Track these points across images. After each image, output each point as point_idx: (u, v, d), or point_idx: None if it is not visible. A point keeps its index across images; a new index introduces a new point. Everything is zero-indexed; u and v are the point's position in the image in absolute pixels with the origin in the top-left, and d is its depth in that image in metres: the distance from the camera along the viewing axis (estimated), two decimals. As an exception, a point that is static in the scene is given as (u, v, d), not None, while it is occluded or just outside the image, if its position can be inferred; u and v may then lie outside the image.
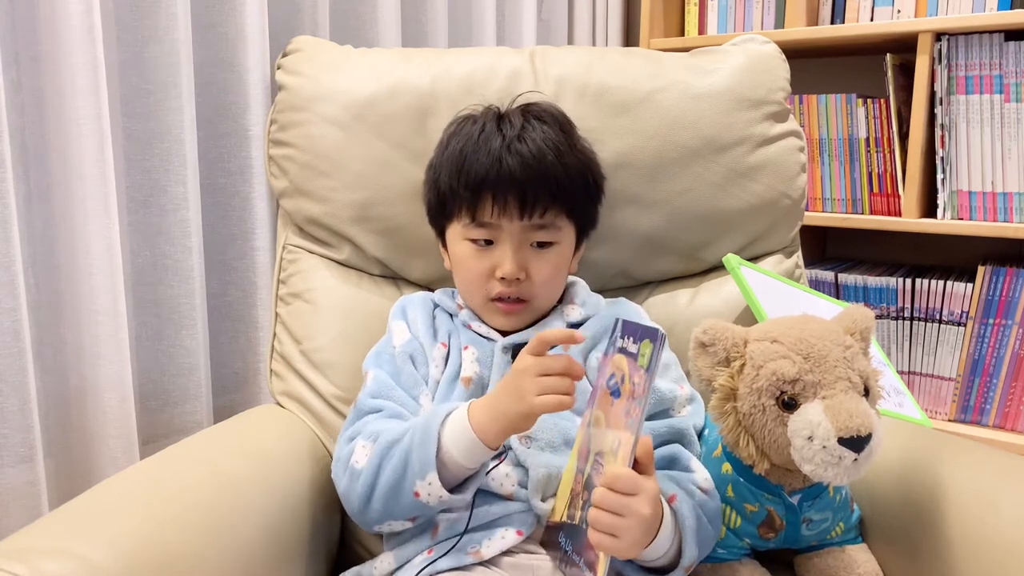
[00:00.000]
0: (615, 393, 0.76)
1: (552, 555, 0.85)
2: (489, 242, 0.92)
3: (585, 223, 0.99)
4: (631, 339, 0.76)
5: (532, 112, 0.95)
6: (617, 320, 0.79)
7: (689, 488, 0.85)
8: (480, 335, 0.96)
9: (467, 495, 0.83)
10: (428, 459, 0.80)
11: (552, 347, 0.80)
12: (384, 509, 0.84)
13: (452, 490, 0.81)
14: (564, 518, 0.81)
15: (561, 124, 0.96)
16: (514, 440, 0.89)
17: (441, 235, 1.00)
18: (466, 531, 0.85)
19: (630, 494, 0.73)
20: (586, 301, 1.00)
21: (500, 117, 0.95)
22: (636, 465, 0.74)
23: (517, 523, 0.86)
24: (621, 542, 0.73)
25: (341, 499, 0.89)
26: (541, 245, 0.92)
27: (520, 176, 0.89)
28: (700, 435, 0.96)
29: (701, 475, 0.88)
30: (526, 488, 0.87)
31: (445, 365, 0.95)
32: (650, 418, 0.92)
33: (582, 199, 0.96)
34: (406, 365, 0.95)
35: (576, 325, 0.97)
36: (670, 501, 0.82)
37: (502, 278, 0.91)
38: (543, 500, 0.86)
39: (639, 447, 0.74)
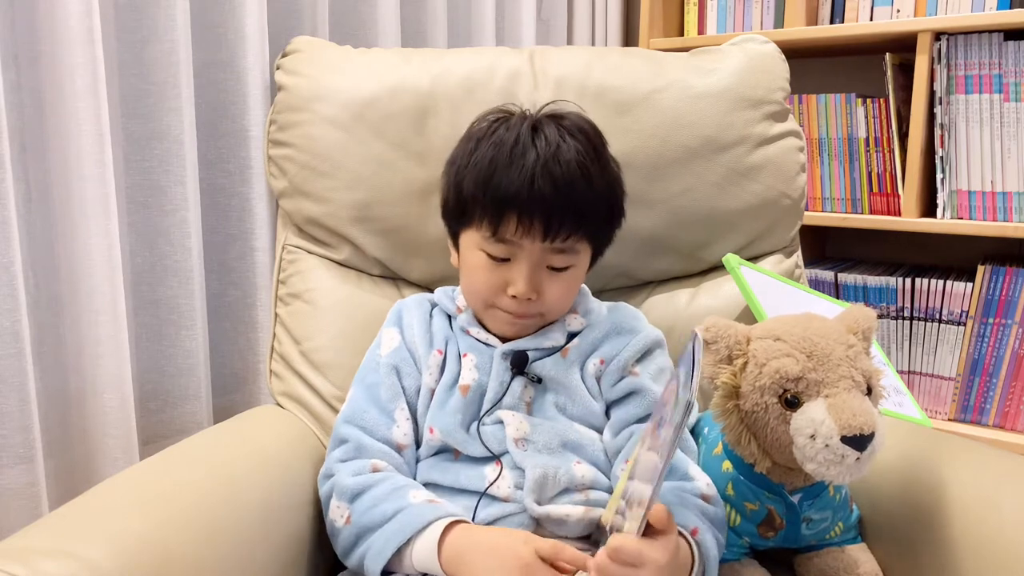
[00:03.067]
0: (663, 423, 0.74)
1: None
2: (505, 259, 0.90)
3: (603, 245, 0.97)
4: (683, 370, 0.74)
5: (566, 127, 0.91)
6: (695, 336, 0.76)
7: (701, 506, 0.84)
8: (479, 341, 0.95)
9: None
10: (375, 572, 0.82)
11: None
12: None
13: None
14: (609, 523, 0.81)
15: (593, 141, 0.92)
16: (511, 444, 0.89)
17: (453, 235, 0.97)
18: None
19: (633, 566, 0.71)
20: (588, 310, 0.98)
21: (535, 128, 0.90)
22: (649, 529, 0.72)
23: (513, 525, 0.86)
24: None
25: None
26: (557, 268, 0.91)
27: (550, 201, 0.86)
28: (697, 435, 0.96)
29: (703, 482, 0.87)
30: (522, 490, 0.87)
31: (440, 373, 0.95)
32: (647, 420, 0.92)
33: (604, 224, 0.94)
34: (388, 377, 0.94)
35: (575, 334, 0.96)
36: (693, 534, 0.80)
37: (514, 296, 0.89)
38: (539, 503, 0.86)
39: (652, 514, 0.71)
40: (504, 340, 0.95)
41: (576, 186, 0.87)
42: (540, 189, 0.86)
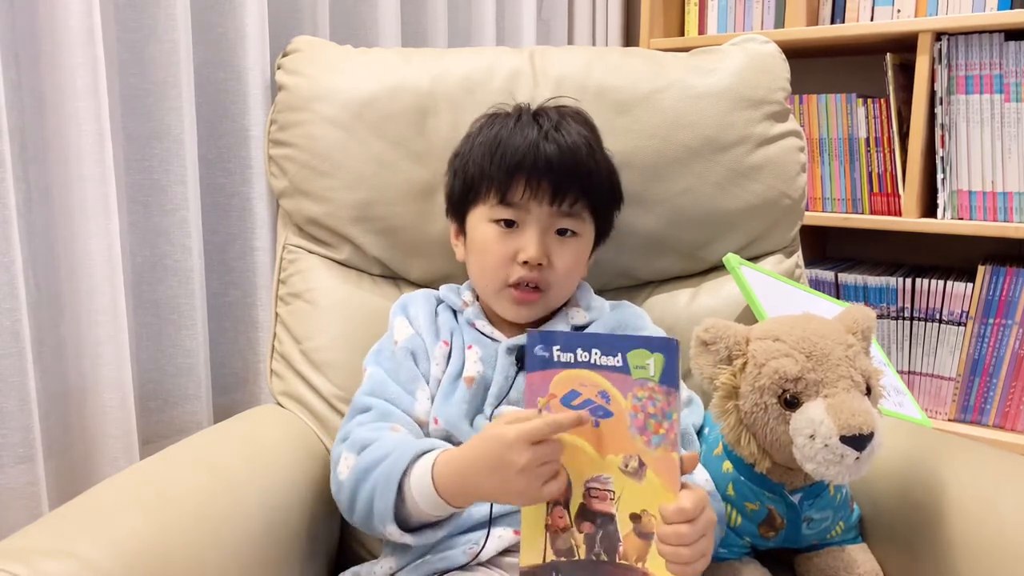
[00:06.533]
0: (603, 414, 0.72)
1: None
2: (513, 225, 0.92)
3: (603, 226, 0.99)
4: (596, 352, 0.71)
5: (565, 111, 0.97)
6: (530, 333, 0.73)
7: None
8: (484, 334, 0.96)
9: (434, 536, 0.83)
10: (387, 510, 0.80)
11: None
12: (363, 527, 0.86)
13: (419, 529, 0.82)
14: (548, 559, 0.74)
15: (591, 128, 0.98)
16: None
17: (460, 222, 0.99)
18: (464, 532, 0.86)
19: (700, 514, 0.71)
20: (591, 305, 0.99)
21: (535, 112, 0.96)
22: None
23: (515, 523, 0.86)
24: (707, 556, 0.72)
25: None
26: (565, 233, 0.93)
27: (556, 163, 0.90)
28: (700, 433, 0.96)
29: (701, 476, 0.88)
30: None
31: (446, 364, 0.95)
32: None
33: (606, 199, 0.98)
34: (406, 361, 0.95)
35: (580, 328, 0.97)
36: None
37: (525, 262, 0.91)
38: None
39: (687, 461, 0.72)
40: (509, 335, 0.95)
41: (580, 152, 0.91)
42: (545, 152, 0.90)
